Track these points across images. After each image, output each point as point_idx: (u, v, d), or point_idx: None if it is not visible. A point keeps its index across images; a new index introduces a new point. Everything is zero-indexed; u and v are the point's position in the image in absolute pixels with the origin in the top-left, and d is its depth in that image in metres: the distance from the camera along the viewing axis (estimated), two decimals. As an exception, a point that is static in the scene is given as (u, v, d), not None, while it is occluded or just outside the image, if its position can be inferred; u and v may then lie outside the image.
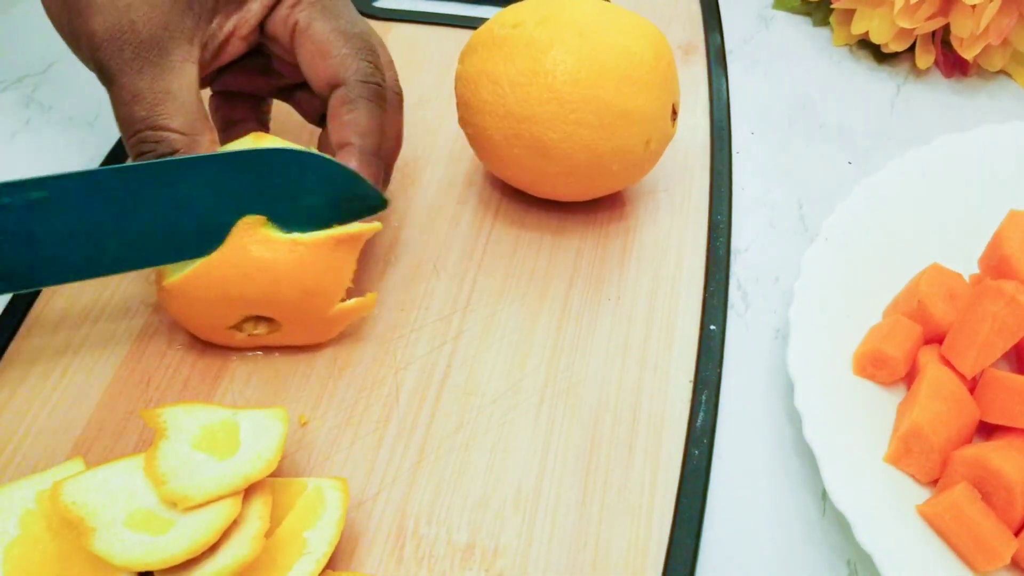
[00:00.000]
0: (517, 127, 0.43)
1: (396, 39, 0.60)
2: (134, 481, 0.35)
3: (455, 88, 0.47)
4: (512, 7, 0.46)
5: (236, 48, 0.43)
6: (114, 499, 0.35)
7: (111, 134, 0.55)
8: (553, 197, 0.48)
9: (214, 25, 0.41)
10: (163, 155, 0.39)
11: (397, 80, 0.45)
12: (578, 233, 0.49)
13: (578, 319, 0.45)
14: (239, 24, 0.42)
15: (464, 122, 0.47)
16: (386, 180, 0.45)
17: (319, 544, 0.35)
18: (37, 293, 0.46)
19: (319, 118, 0.47)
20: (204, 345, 0.44)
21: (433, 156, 0.53)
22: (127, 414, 0.41)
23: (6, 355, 0.44)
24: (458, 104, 0.47)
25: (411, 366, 0.43)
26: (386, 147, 0.43)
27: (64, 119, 0.57)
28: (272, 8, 0.42)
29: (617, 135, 0.43)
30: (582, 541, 0.38)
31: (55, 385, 0.42)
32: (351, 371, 0.43)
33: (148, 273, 0.46)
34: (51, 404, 0.42)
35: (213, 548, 0.34)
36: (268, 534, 0.35)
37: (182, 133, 0.39)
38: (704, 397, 0.42)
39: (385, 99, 0.43)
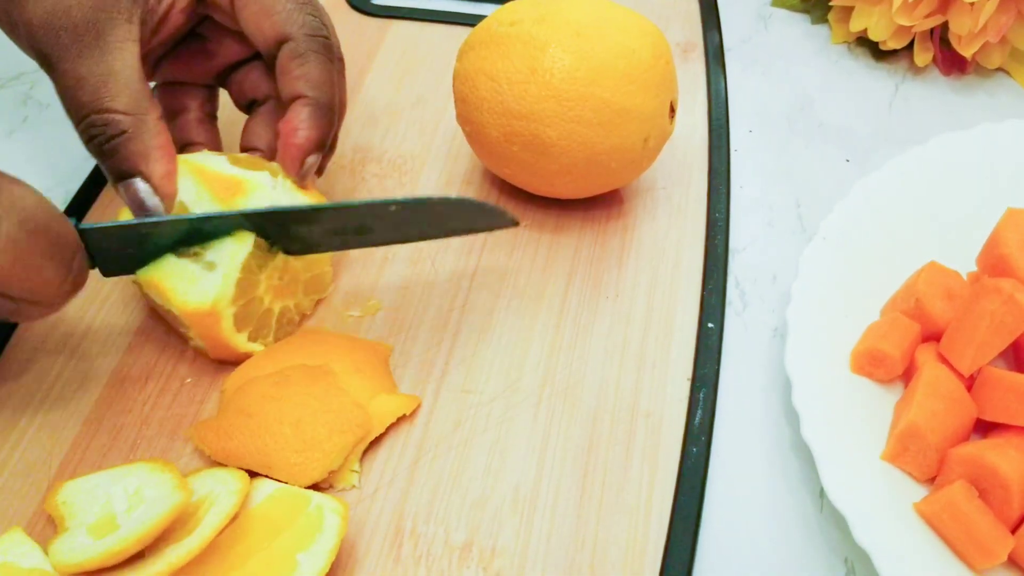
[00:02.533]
0: (515, 124, 0.43)
1: (394, 37, 0.60)
2: (116, 488, 0.36)
3: (453, 85, 0.47)
4: (510, 5, 0.46)
5: (176, 21, 0.43)
6: (93, 503, 0.35)
7: (109, 132, 0.55)
8: (551, 195, 0.48)
9: (152, 1, 0.41)
10: (112, 137, 0.38)
11: (339, 45, 0.44)
12: (576, 231, 0.49)
13: (576, 317, 0.45)
14: None
15: (462, 119, 0.47)
16: (331, 148, 0.45)
17: (309, 570, 0.34)
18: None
19: (248, 105, 0.47)
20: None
21: (431, 154, 0.53)
22: (124, 412, 0.41)
23: (5, 353, 0.44)
24: (456, 101, 0.47)
25: (409, 364, 0.43)
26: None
27: (61, 117, 0.55)
28: None
29: (615, 133, 0.43)
30: (580, 540, 0.38)
31: (51, 386, 0.43)
32: None
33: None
34: (48, 402, 0.42)
35: (161, 544, 0.34)
36: (263, 548, 0.35)
37: (127, 113, 0.38)
38: (702, 395, 0.42)
39: (333, 53, 0.43)
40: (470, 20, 0.61)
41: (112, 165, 0.39)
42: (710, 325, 0.44)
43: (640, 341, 0.44)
